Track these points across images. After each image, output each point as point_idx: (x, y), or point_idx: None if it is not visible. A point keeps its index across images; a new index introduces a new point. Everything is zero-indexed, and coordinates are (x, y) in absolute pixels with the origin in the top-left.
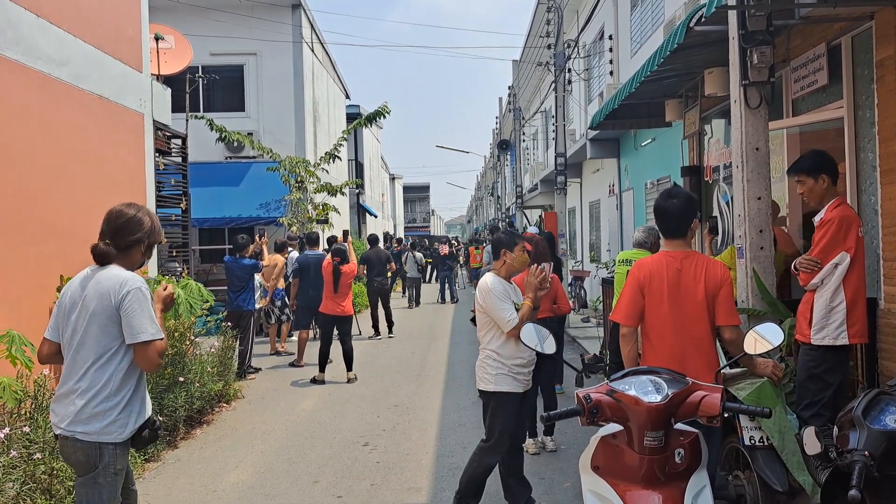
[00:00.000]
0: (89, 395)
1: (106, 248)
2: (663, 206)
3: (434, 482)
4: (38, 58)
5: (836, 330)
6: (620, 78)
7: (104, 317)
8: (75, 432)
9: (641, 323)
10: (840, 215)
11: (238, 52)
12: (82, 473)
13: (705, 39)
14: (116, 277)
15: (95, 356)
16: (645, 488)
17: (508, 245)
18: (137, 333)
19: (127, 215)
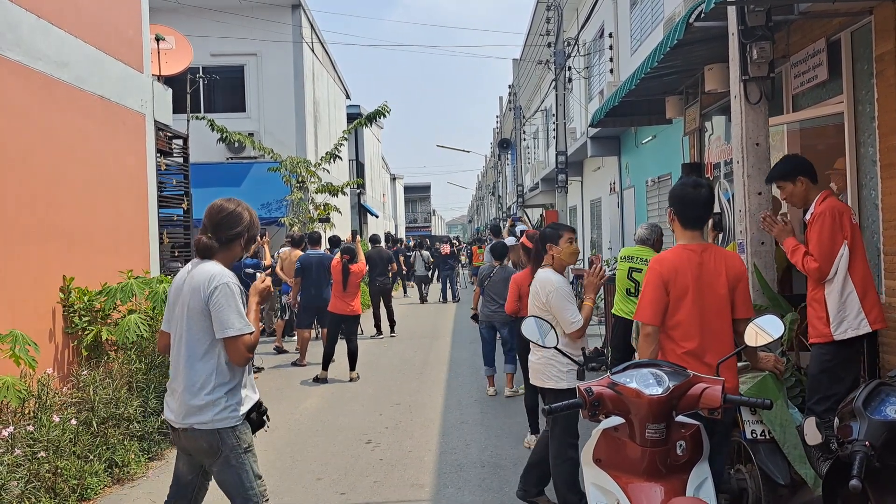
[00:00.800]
0: (195, 387)
1: (209, 241)
2: (692, 195)
3: (437, 479)
4: (39, 59)
5: (855, 319)
6: (621, 76)
7: (198, 311)
8: (191, 424)
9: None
10: (829, 207)
11: (238, 53)
12: (212, 459)
13: (705, 35)
14: (207, 273)
15: (196, 349)
16: (647, 481)
17: (553, 239)
18: (225, 328)
19: (227, 210)
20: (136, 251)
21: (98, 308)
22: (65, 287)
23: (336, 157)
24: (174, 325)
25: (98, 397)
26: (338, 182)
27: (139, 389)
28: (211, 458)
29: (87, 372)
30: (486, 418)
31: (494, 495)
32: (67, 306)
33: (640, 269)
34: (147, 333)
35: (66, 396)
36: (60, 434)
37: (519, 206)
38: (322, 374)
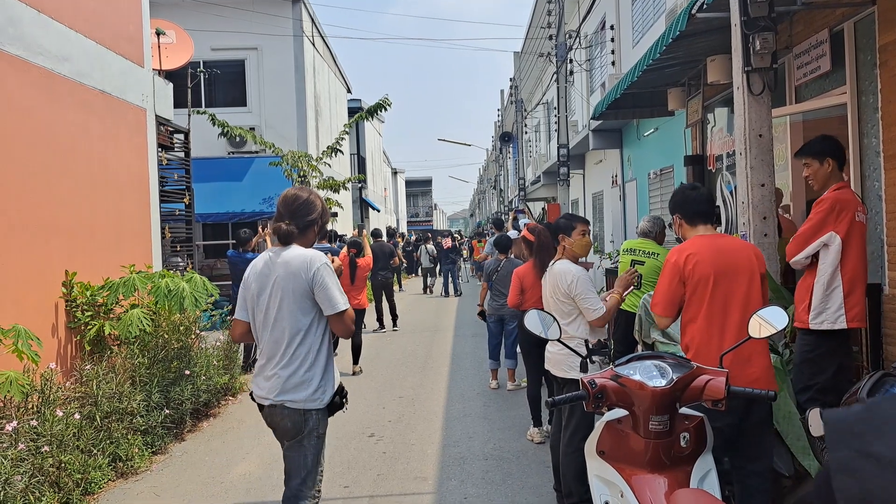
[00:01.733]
0: (293, 367)
1: (288, 228)
2: (692, 194)
3: (440, 471)
4: (40, 53)
5: (834, 314)
6: (622, 68)
7: (299, 294)
8: (284, 401)
9: (683, 311)
10: (836, 197)
11: (239, 47)
12: (289, 438)
13: (707, 27)
14: (303, 256)
15: (295, 331)
16: (650, 472)
17: (566, 230)
18: (335, 305)
19: (302, 198)
20: (137, 246)
21: (100, 303)
22: (67, 282)
23: (337, 151)
24: (261, 310)
25: (101, 392)
26: (339, 176)
27: (142, 384)
28: (291, 436)
29: (90, 366)
30: (488, 411)
31: (497, 488)
32: (70, 301)
33: (642, 262)
34: (149, 328)
35: (69, 391)
36: (64, 428)
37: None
38: None
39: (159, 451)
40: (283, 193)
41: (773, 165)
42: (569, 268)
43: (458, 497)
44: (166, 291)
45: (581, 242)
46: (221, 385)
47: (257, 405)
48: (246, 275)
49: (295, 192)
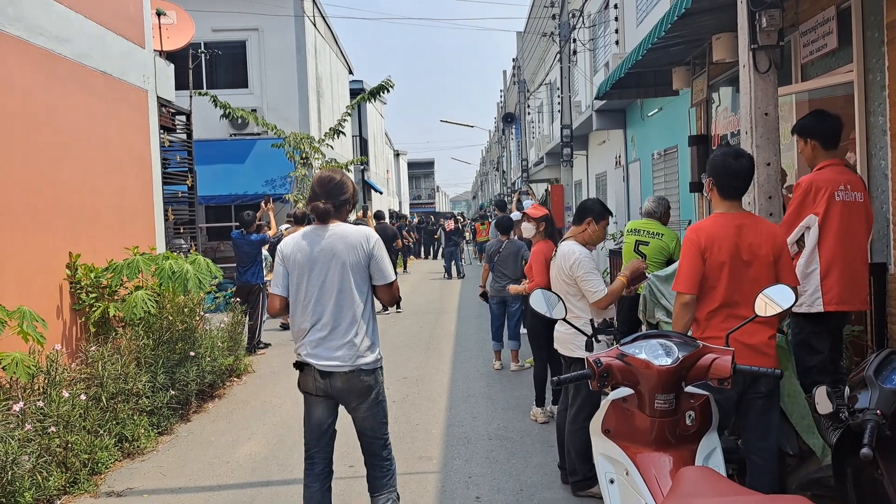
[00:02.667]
0: (364, 331)
1: (325, 206)
2: (735, 166)
3: (444, 451)
4: (41, 34)
5: (810, 297)
6: (626, 47)
7: (361, 265)
8: (360, 365)
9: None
10: (811, 179)
11: (240, 28)
12: (364, 399)
13: (713, 4)
14: (360, 231)
15: (361, 299)
16: (656, 451)
17: (597, 216)
18: (388, 276)
19: (336, 179)
20: (141, 228)
21: (105, 284)
22: (71, 264)
23: (339, 132)
24: (315, 283)
25: (107, 373)
26: (341, 158)
27: (147, 365)
28: (364, 396)
29: (95, 348)
30: (492, 392)
31: (502, 467)
32: (74, 283)
33: (646, 243)
34: (154, 310)
35: (74, 372)
36: (70, 409)
37: (524, 180)
38: None
39: (165, 432)
40: (317, 175)
41: (778, 144)
42: (573, 248)
43: (462, 476)
44: (170, 273)
45: (601, 234)
46: (226, 366)
47: (317, 373)
48: (287, 251)
49: (329, 173)
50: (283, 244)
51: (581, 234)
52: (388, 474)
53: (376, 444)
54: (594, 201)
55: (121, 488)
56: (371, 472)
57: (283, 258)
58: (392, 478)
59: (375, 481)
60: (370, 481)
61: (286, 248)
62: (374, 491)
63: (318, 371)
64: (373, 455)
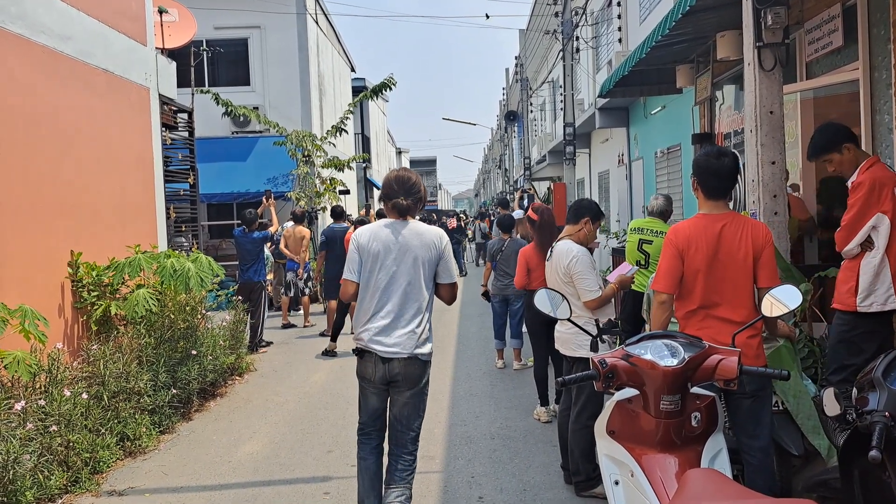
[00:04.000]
0: (424, 324)
1: (407, 203)
2: (716, 165)
3: (447, 451)
4: (42, 32)
5: (884, 294)
6: (629, 45)
7: (431, 263)
8: (417, 354)
9: (679, 289)
10: (871, 177)
11: (242, 26)
12: (412, 387)
13: (717, 2)
14: (435, 231)
15: (427, 293)
16: (661, 452)
17: (595, 216)
18: (453, 276)
19: (411, 179)
20: (142, 226)
21: (106, 283)
22: (73, 262)
23: (342, 130)
24: (387, 272)
25: (108, 371)
26: (344, 156)
27: (149, 364)
28: (415, 384)
29: (96, 346)
30: (495, 390)
31: (505, 467)
32: (76, 281)
33: (650, 241)
34: (155, 308)
35: (76, 371)
36: (72, 408)
37: (526, 178)
38: (331, 347)
39: (167, 431)
40: (393, 174)
41: (783, 143)
42: (571, 247)
43: (465, 476)
44: (172, 271)
45: (594, 233)
46: (228, 365)
47: (377, 359)
48: (363, 241)
49: (406, 173)
50: (359, 234)
51: (577, 233)
52: (409, 470)
53: (407, 436)
54: (590, 202)
55: (122, 487)
56: (392, 464)
57: (358, 247)
58: (411, 475)
59: (395, 473)
60: (389, 472)
61: (363, 238)
62: (390, 483)
63: (380, 357)
64: (400, 446)
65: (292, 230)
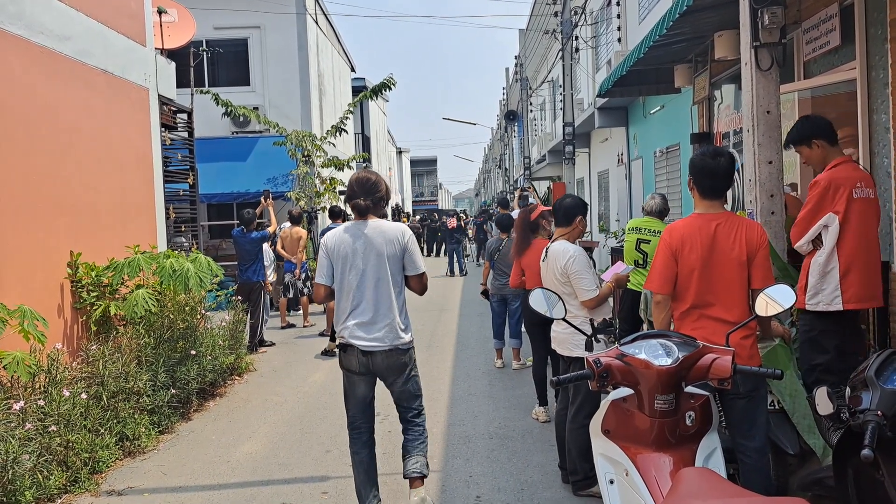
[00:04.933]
0: (401, 315)
1: (366, 203)
2: (712, 165)
3: (445, 451)
4: (41, 32)
5: (829, 295)
6: (628, 45)
7: (397, 257)
8: (398, 344)
9: (675, 289)
10: (830, 176)
11: (241, 26)
12: (400, 375)
13: (715, 2)
14: (396, 226)
15: (397, 287)
16: (656, 451)
17: (584, 212)
18: (419, 267)
19: (370, 179)
20: (142, 226)
21: (106, 283)
22: (72, 262)
23: (342, 130)
24: (356, 272)
25: (107, 371)
26: (344, 156)
27: (148, 364)
28: (401, 371)
29: (96, 347)
30: (493, 390)
31: (502, 466)
32: (75, 282)
33: (647, 241)
34: (155, 308)
35: (75, 371)
36: (71, 408)
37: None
38: (330, 347)
39: (166, 431)
40: (354, 175)
41: (780, 142)
42: (566, 247)
43: (463, 475)
44: (171, 272)
45: (581, 230)
46: (227, 365)
47: (359, 353)
48: (331, 244)
49: (365, 174)
50: (327, 238)
51: (571, 232)
52: (421, 440)
53: (411, 413)
54: (573, 199)
55: (121, 487)
56: (406, 437)
57: (327, 250)
58: (423, 444)
59: (409, 444)
60: (404, 446)
61: (330, 242)
62: (406, 454)
63: (361, 351)
64: (407, 422)
65: (289, 231)
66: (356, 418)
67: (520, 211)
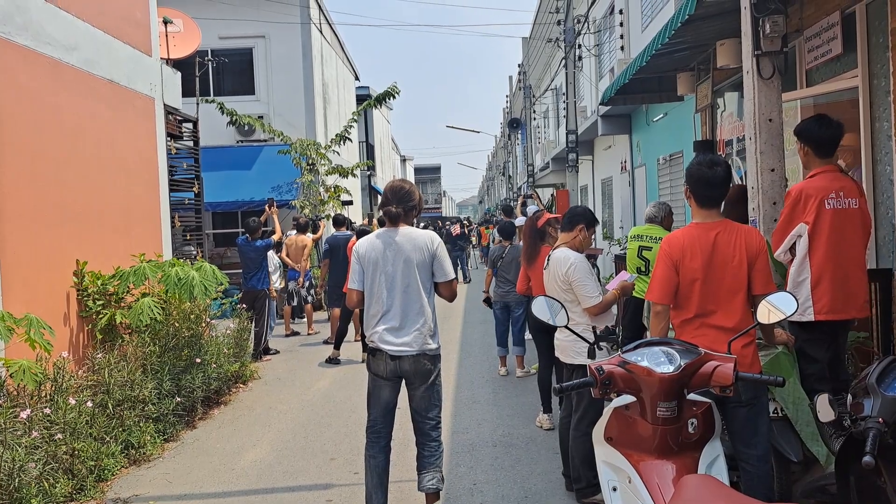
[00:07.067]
0: (430, 320)
1: (398, 211)
2: (708, 175)
3: (449, 458)
4: (48, 43)
5: (802, 305)
6: (631, 53)
7: (426, 264)
8: (426, 350)
9: (676, 299)
10: (801, 187)
11: (246, 35)
12: (425, 381)
13: (717, 10)
14: (426, 234)
15: (426, 293)
16: (658, 458)
17: (589, 223)
18: (448, 274)
19: (405, 188)
20: (148, 235)
21: (112, 292)
22: (78, 271)
23: (346, 138)
24: (386, 278)
25: (113, 380)
26: (348, 164)
27: (153, 372)
28: (426, 377)
29: (101, 355)
30: (497, 398)
31: (507, 474)
32: (81, 290)
33: (649, 248)
34: (160, 316)
35: (81, 379)
36: (77, 416)
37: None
38: (334, 355)
39: (171, 439)
40: (389, 184)
41: (783, 150)
42: (567, 254)
43: (467, 483)
44: (176, 280)
45: (589, 240)
46: (232, 373)
47: (388, 357)
48: (362, 251)
49: (399, 182)
50: (359, 245)
51: (573, 240)
52: (436, 454)
53: (428, 425)
54: (584, 209)
55: (127, 495)
56: (420, 451)
57: (358, 257)
58: (439, 458)
59: (423, 460)
60: (419, 460)
61: (361, 248)
62: (421, 469)
63: (389, 355)
64: (424, 435)
65: (294, 239)
66: (377, 422)
67: (527, 219)
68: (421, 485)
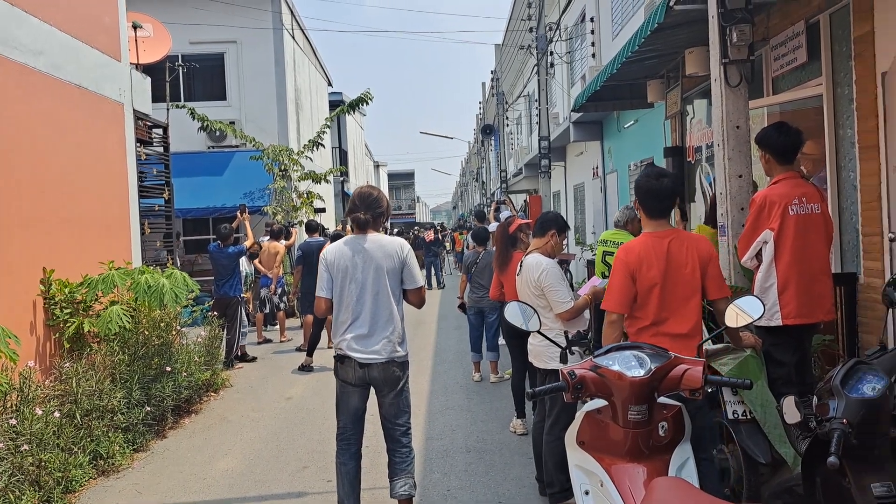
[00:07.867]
0: (399, 327)
1: (366, 217)
2: (656, 186)
3: (423, 465)
4: (14, 48)
5: (769, 311)
6: (602, 60)
7: (396, 270)
8: (394, 357)
9: (633, 307)
10: (764, 194)
11: (218, 41)
12: (393, 388)
13: (686, 19)
14: (394, 241)
15: (395, 300)
16: (630, 462)
17: (560, 228)
18: (417, 281)
19: (373, 194)
20: (117, 242)
21: (79, 300)
22: (45, 279)
23: (318, 144)
24: (356, 285)
25: (81, 389)
26: (321, 170)
27: (122, 381)
28: (395, 384)
29: (69, 364)
30: (471, 404)
31: (480, 480)
32: (48, 298)
33: (612, 253)
34: (129, 325)
35: (48, 389)
36: (44, 427)
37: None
38: (307, 362)
39: (140, 449)
40: (356, 190)
41: (750, 157)
42: (539, 260)
43: (441, 490)
44: (146, 287)
45: (560, 245)
46: (203, 381)
47: (356, 364)
48: (331, 258)
49: (368, 188)
50: (327, 251)
51: (544, 245)
52: (407, 461)
53: (398, 431)
54: (555, 214)
55: None
56: (391, 458)
57: (327, 264)
58: (410, 465)
59: (395, 466)
60: (390, 466)
61: (329, 255)
62: (393, 475)
63: (358, 363)
64: (394, 441)
65: (267, 245)
66: (347, 429)
67: (498, 225)
68: (393, 491)
